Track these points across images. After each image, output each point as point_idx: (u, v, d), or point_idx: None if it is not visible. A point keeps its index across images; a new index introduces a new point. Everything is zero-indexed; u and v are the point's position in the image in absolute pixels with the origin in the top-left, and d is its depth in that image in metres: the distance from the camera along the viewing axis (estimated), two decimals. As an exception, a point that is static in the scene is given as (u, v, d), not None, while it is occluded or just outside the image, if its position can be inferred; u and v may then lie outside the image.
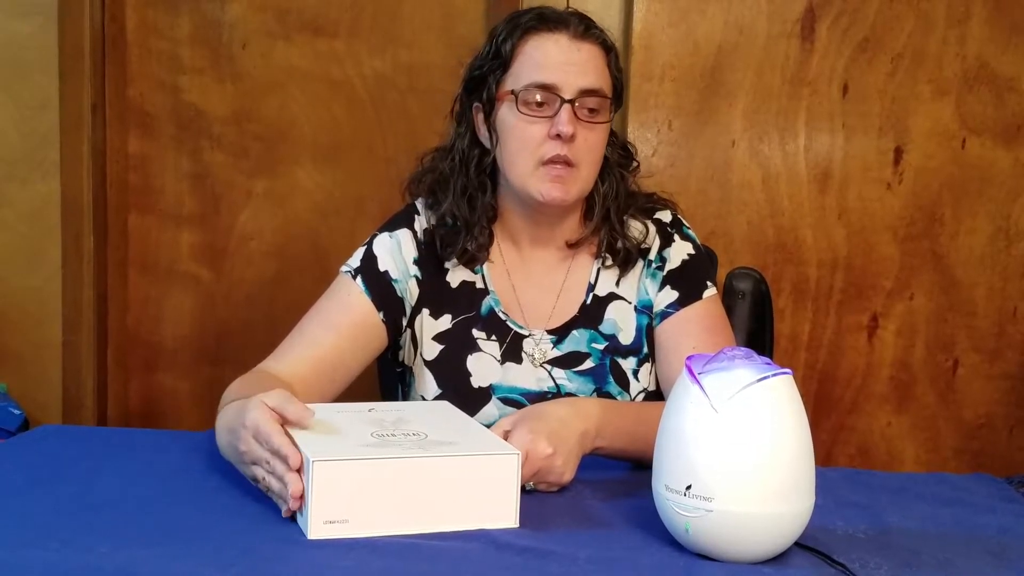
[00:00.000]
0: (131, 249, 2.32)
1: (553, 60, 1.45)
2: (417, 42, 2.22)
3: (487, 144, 1.51)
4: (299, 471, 1.04)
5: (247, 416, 1.12)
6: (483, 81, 1.50)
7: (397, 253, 1.54)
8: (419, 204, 1.57)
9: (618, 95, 1.52)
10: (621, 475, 1.32)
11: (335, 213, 2.27)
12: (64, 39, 2.17)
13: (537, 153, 1.44)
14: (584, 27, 1.48)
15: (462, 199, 1.52)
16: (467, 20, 2.19)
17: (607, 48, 1.50)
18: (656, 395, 1.53)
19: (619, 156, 1.57)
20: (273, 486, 1.08)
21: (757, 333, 1.83)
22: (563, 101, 1.42)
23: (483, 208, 1.52)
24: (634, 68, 2.08)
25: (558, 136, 1.42)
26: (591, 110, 1.45)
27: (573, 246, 1.54)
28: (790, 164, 2.10)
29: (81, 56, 2.17)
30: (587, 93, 1.44)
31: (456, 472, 1.06)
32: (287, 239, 2.29)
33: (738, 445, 0.98)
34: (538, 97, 1.44)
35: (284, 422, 1.11)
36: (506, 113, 1.47)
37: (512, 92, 1.45)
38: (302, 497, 1.04)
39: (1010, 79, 2.07)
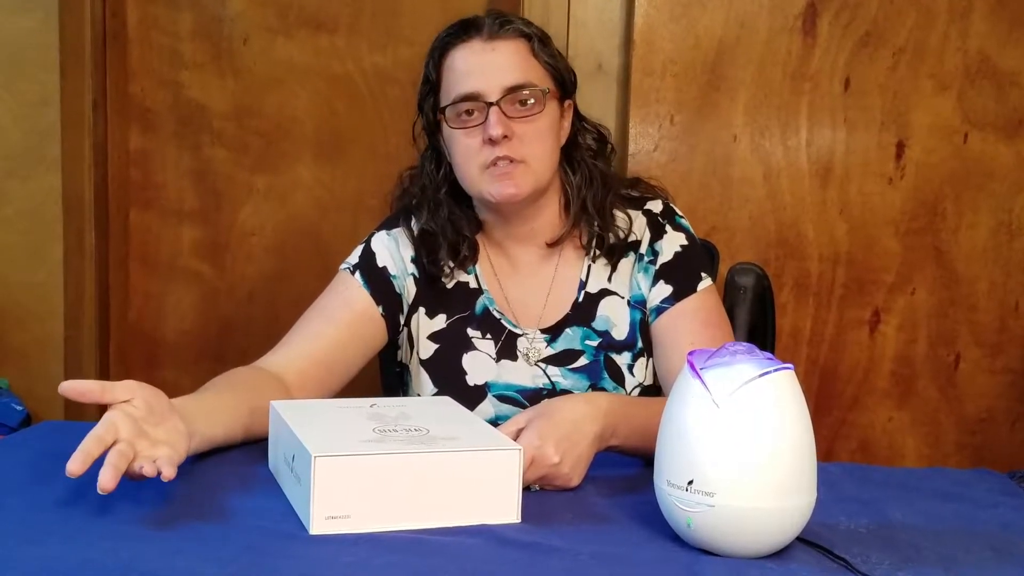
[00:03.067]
0: (132, 245, 2.32)
1: (469, 67, 1.45)
2: (418, 37, 2.22)
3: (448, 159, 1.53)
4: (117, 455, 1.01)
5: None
6: (425, 103, 1.52)
7: (395, 251, 1.54)
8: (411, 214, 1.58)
9: (560, 79, 1.50)
10: (623, 471, 1.32)
11: (336, 208, 2.27)
12: (65, 35, 2.16)
13: (478, 160, 1.45)
14: (499, 24, 1.46)
15: (437, 216, 1.53)
16: (467, 15, 2.19)
17: (529, 37, 1.48)
18: (651, 389, 1.53)
19: (592, 141, 1.57)
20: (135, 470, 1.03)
21: (759, 328, 1.83)
22: (488, 105, 1.42)
23: (457, 221, 1.53)
24: (635, 63, 2.08)
25: (492, 140, 1.42)
26: (522, 104, 1.44)
27: (554, 245, 1.54)
28: (792, 159, 2.10)
29: (82, 52, 2.17)
30: (512, 90, 1.43)
31: (458, 468, 1.06)
32: (288, 235, 2.29)
33: (740, 440, 0.98)
34: (464, 108, 1.44)
35: (108, 404, 1.08)
36: (446, 130, 1.48)
37: (445, 108, 1.47)
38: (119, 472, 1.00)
39: (1012, 73, 2.07)
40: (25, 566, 0.92)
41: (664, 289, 1.51)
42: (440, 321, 1.54)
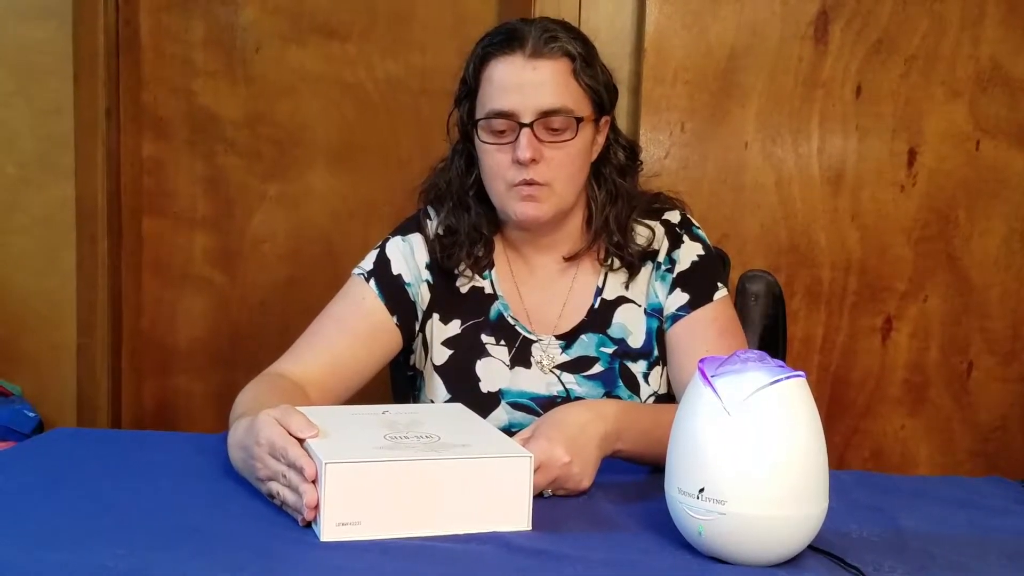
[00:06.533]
0: (145, 252, 2.33)
1: (508, 84, 1.43)
2: (429, 45, 2.23)
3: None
4: (314, 482, 1.04)
5: (260, 434, 1.12)
6: (460, 106, 1.51)
7: (410, 257, 1.54)
8: (431, 209, 1.58)
9: (599, 101, 1.48)
10: (634, 478, 1.32)
11: (348, 216, 2.28)
12: (79, 43, 2.18)
13: (506, 178, 1.44)
14: (544, 41, 1.43)
15: (459, 212, 1.53)
16: (479, 22, 2.19)
17: (572, 58, 1.45)
18: (666, 398, 1.53)
19: (623, 157, 1.55)
20: (288, 498, 1.07)
21: (770, 335, 1.83)
22: (522, 125, 1.41)
23: (479, 222, 1.53)
24: (647, 71, 2.08)
25: (520, 162, 1.41)
26: (554, 130, 1.43)
27: (571, 259, 1.54)
28: (803, 166, 2.10)
29: (95, 60, 2.18)
30: (547, 114, 1.42)
31: (469, 474, 1.06)
32: (300, 242, 2.30)
33: (751, 448, 0.98)
34: (497, 125, 1.43)
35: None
36: (478, 139, 1.47)
37: (478, 120, 1.46)
38: (317, 508, 1.04)
39: (1024, 80, 2.07)
40: (38, 571, 0.93)
41: (681, 297, 1.51)
42: (455, 327, 1.54)
